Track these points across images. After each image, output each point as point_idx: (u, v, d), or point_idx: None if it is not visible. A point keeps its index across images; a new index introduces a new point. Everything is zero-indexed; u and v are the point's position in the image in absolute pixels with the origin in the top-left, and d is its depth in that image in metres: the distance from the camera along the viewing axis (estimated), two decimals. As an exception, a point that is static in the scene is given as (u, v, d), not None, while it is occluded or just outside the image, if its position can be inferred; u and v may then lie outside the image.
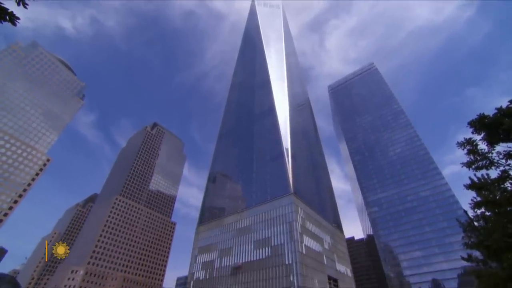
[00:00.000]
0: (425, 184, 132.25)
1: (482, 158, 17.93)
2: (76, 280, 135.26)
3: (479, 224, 22.10)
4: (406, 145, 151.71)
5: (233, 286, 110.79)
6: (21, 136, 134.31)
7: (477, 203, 19.67)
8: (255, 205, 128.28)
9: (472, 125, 18.33)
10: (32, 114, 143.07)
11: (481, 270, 24.48)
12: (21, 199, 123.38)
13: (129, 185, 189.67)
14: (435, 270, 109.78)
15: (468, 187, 20.11)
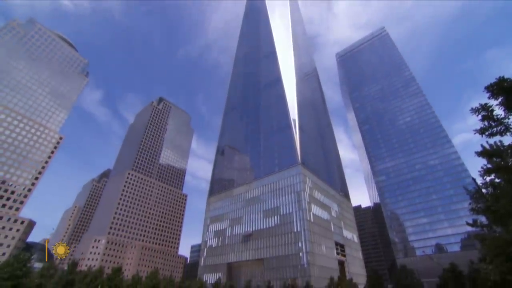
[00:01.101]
0: (434, 152, 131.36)
1: (497, 124, 17.46)
2: (99, 248, 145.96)
3: (487, 191, 22.22)
4: (415, 114, 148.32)
5: (244, 252, 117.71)
6: (33, 116, 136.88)
7: (487, 170, 19.62)
8: (264, 175, 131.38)
9: (489, 89, 17.59)
10: (40, 94, 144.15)
11: (485, 234, 25.13)
12: (41, 176, 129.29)
13: (140, 160, 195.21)
14: (439, 235, 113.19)
15: (479, 154, 19.92)
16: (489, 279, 35.45)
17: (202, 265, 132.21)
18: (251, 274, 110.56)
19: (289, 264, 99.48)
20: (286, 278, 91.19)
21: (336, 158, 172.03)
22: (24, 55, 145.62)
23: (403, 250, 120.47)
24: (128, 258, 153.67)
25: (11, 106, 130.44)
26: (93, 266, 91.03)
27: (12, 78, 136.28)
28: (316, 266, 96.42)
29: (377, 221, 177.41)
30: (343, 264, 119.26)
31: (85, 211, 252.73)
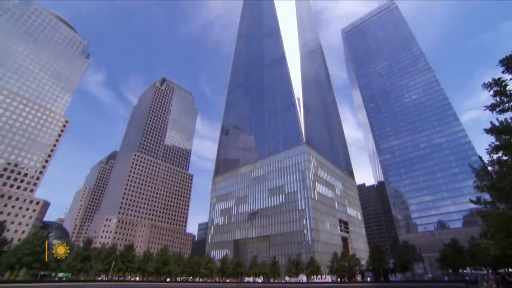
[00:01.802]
0: (441, 131, 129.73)
1: (509, 100, 16.99)
2: (111, 227, 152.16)
3: (493, 169, 22.14)
4: (423, 91, 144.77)
5: (250, 230, 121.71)
6: (37, 100, 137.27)
7: (495, 148, 19.42)
8: (268, 155, 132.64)
9: (504, 63, 16.94)
10: (42, 77, 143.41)
11: (488, 211, 25.41)
12: (50, 158, 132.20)
13: (145, 141, 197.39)
14: (442, 212, 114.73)
15: (488, 131, 19.62)
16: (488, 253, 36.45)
17: (209, 242, 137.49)
18: (257, 250, 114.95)
19: (293, 240, 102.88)
20: (291, 254, 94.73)
21: (340, 136, 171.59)
22: (23, 37, 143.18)
23: (406, 227, 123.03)
24: (138, 236, 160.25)
25: (15, 90, 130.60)
26: (106, 244, 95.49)
27: (14, 62, 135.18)
28: (320, 242, 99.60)
29: (380, 199, 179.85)
30: (346, 240, 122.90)
31: (95, 192, 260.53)
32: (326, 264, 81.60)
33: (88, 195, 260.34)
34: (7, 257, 46.30)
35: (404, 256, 68.36)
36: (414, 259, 68.72)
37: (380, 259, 68.88)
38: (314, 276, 75.10)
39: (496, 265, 47.12)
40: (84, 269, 61.66)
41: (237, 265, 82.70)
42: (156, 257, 76.14)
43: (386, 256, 74.42)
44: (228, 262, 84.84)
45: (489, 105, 17.75)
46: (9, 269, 49.09)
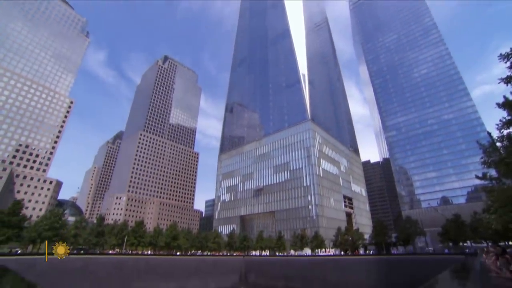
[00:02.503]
0: (449, 106, 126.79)
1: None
2: (121, 204, 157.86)
3: (502, 145, 21.94)
4: (433, 65, 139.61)
5: (256, 206, 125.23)
6: (41, 81, 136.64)
7: (507, 122, 19.08)
8: (273, 132, 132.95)
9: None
10: (43, 57, 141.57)
11: (493, 186, 25.56)
12: (59, 139, 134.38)
13: (150, 120, 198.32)
14: (446, 188, 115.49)
15: (501, 105, 19.16)
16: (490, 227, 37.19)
17: (216, 218, 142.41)
18: (263, 225, 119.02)
19: (298, 216, 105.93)
20: (296, 229, 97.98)
21: (346, 113, 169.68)
22: (19, 15, 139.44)
23: (409, 203, 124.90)
24: (148, 213, 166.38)
25: (18, 71, 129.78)
26: (118, 220, 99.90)
27: (13, 42, 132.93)
28: (324, 217, 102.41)
29: (385, 176, 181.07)
30: (350, 215, 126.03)
31: (104, 171, 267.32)
32: (330, 238, 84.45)
33: (98, 174, 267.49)
34: (28, 232, 49.56)
35: (406, 231, 70.22)
36: (416, 233, 70.54)
37: (383, 234, 70.96)
38: (318, 250, 78.16)
39: (496, 238, 48.30)
40: (99, 244, 65.12)
41: (243, 239, 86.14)
42: (166, 233, 79.53)
43: (389, 230, 76.50)
44: (235, 237, 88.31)
45: (504, 78, 17.20)
46: (31, 243, 52.71)
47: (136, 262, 44.33)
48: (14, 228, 46.11)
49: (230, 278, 50.67)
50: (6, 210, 46.74)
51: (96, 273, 36.31)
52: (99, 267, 38.20)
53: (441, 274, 11.45)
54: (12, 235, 45.97)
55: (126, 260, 45.14)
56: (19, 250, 52.49)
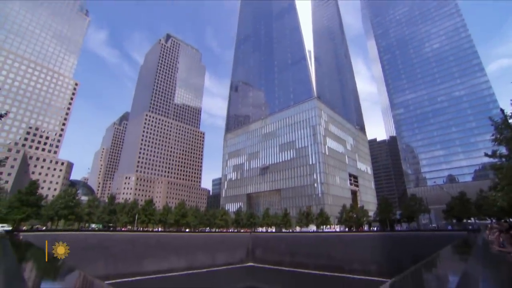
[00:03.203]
0: (461, 83, 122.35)
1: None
2: (130, 184, 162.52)
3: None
4: (447, 39, 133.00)
5: (262, 184, 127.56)
6: (44, 63, 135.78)
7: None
8: (279, 110, 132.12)
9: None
10: (44, 38, 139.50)
11: (502, 164, 25.41)
12: (67, 122, 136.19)
13: (155, 101, 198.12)
14: (453, 167, 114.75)
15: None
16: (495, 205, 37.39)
17: (223, 196, 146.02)
18: (269, 203, 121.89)
19: (304, 194, 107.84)
20: (301, 206, 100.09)
21: (353, 91, 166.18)
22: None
23: (415, 181, 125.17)
24: (157, 192, 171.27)
25: (21, 53, 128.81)
26: (128, 199, 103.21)
27: (13, 22, 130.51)
28: (330, 195, 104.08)
29: (391, 154, 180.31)
30: (355, 193, 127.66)
31: (112, 151, 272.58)
32: (335, 215, 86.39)
33: (107, 155, 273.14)
34: (46, 210, 52.48)
35: (410, 208, 71.10)
36: (421, 210, 71.42)
37: (388, 211, 72.05)
38: (323, 226, 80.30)
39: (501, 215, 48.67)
40: (112, 221, 68.11)
41: (250, 216, 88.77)
42: (175, 210, 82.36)
43: (393, 208, 77.51)
44: (242, 214, 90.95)
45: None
46: (49, 220, 55.98)
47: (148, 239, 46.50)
48: (32, 206, 48.69)
49: (237, 254, 52.93)
50: (24, 190, 49.05)
51: (111, 249, 38.38)
52: (113, 243, 40.27)
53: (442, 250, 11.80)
54: (31, 213, 48.66)
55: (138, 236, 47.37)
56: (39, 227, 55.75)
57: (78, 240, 37.86)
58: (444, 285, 5.09)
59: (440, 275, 6.43)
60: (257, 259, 53.07)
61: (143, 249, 41.92)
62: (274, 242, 54.82)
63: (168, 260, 42.73)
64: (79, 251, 34.25)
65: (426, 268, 6.75)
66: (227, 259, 49.90)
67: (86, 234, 43.96)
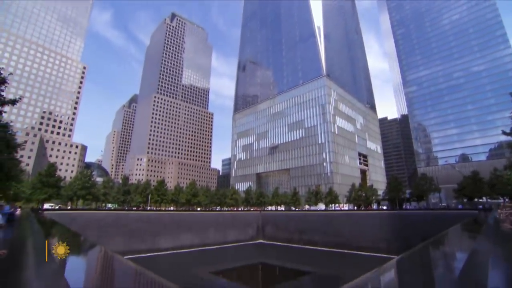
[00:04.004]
0: (481, 57, 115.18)
1: None
2: (142, 165, 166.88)
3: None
4: (467, 9, 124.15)
5: (271, 163, 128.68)
6: (52, 46, 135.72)
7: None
8: (287, 89, 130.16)
9: None
10: (49, 21, 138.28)
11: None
12: (78, 105, 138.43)
13: (162, 83, 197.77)
14: (467, 146, 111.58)
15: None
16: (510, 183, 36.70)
17: (233, 176, 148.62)
18: (278, 182, 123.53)
19: (313, 173, 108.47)
20: (310, 185, 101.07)
21: (364, 68, 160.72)
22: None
23: (426, 160, 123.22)
24: (168, 173, 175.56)
25: (28, 37, 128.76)
26: (140, 180, 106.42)
27: (18, 6, 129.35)
28: (339, 174, 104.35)
29: (402, 133, 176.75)
30: (365, 172, 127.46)
31: (123, 134, 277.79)
32: (344, 194, 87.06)
33: (118, 137, 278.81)
34: (65, 191, 55.39)
35: (421, 187, 70.64)
36: (431, 189, 70.87)
37: (397, 190, 71.85)
38: (332, 205, 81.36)
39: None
40: (126, 201, 70.94)
41: (260, 195, 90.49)
42: (186, 190, 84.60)
43: (403, 187, 77.21)
44: (252, 193, 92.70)
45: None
46: (69, 200, 59.20)
47: (161, 217, 48.36)
48: (53, 187, 51.34)
49: (248, 231, 54.66)
50: (44, 172, 51.48)
51: (127, 227, 40.18)
52: (129, 221, 42.09)
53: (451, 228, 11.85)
54: (52, 193, 51.43)
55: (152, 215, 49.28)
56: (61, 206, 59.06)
57: (97, 219, 39.83)
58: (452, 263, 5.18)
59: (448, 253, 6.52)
60: (266, 237, 54.81)
61: (158, 227, 43.77)
62: (283, 220, 56.18)
63: (182, 237, 44.63)
64: (98, 229, 36.19)
65: (434, 245, 6.84)
66: (238, 237, 51.72)
67: (104, 213, 46.13)
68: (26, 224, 11.97)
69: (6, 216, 12.79)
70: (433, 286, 3.32)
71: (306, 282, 26.50)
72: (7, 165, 20.00)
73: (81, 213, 42.96)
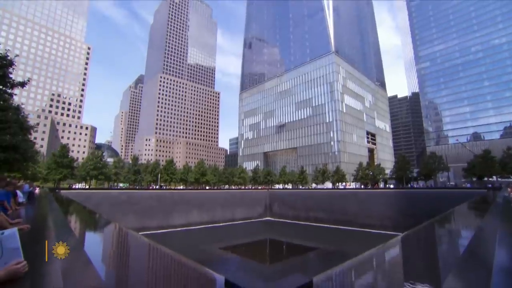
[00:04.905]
0: (504, 28, 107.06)
1: None
2: (151, 146, 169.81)
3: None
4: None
5: (278, 142, 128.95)
6: (55, 27, 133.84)
7: None
8: (294, 67, 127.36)
9: None
10: (50, 0, 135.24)
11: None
12: (85, 87, 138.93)
13: (168, 62, 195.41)
14: (480, 124, 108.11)
15: None
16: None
17: (240, 155, 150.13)
18: (285, 161, 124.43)
19: (320, 152, 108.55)
20: (317, 164, 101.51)
21: (374, 43, 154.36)
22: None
23: (436, 139, 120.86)
24: (176, 153, 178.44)
25: (31, 17, 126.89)
26: (150, 160, 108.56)
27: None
28: (346, 153, 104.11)
29: (412, 111, 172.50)
30: (373, 151, 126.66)
31: (131, 115, 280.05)
32: (351, 172, 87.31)
33: (126, 118, 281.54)
34: (79, 171, 57.67)
35: (429, 166, 69.98)
36: (440, 168, 70.22)
37: (405, 168, 71.44)
38: (339, 183, 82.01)
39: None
40: (137, 180, 73.12)
41: (267, 174, 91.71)
42: (195, 169, 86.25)
43: (411, 166, 76.65)
44: (259, 172, 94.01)
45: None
46: (83, 180, 62.02)
47: (172, 196, 49.72)
48: (67, 168, 53.12)
49: (255, 209, 56.01)
50: (57, 153, 53.08)
51: (139, 205, 41.60)
52: (141, 200, 43.49)
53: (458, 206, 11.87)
54: (67, 173, 53.31)
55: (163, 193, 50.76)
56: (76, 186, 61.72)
57: (110, 197, 41.34)
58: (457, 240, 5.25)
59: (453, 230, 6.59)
60: (274, 214, 56.17)
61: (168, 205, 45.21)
62: (291, 198, 57.15)
63: (191, 215, 46.16)
64: (111, 207, 37.71)
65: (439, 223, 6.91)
66: (246, 214, 53.17)
67: (116, 191, 47.77)
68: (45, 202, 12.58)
69: (27, 195, 13.45)
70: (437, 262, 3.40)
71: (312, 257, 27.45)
72: (23, 146, 20.65)
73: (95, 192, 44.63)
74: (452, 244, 4.62)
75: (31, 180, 33.38)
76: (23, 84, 20.15)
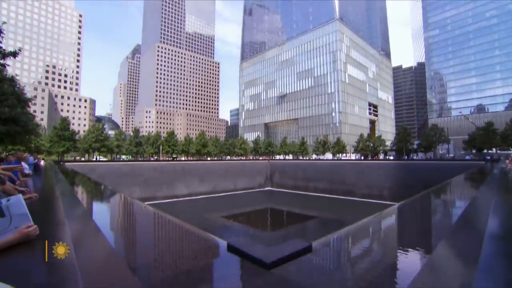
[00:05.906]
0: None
1: None
2: (151, 117, 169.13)
3: None
4: None
5: (279, 113, 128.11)
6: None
7: None
8: (296, 35, 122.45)
9: None
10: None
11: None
12: (81, 58, 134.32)
13: (165, 31, 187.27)
14: (485, 96, 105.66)
15: None
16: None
17: (241, 126, 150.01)
18: (286, 132, 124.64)
19: (321, 123, 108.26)
20: (318, 135, 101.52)
21: (380, 9, 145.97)
22: None
23: (438, 111, 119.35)
24: (177, 124, 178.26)
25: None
26: (151, 132, 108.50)
27: None
28: (347, 124, 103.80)
29: (416, 82, 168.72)
30: (374, 123, 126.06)
31: (130, 86, 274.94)
32: (352, 144, 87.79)
33: (125, 90, 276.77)
34: (81, 144, 58.08)
35: (430, 138, 69.92)
36: (440, 140, 70.19)
37: (405, 140, 71.51)
38: (339, 154, 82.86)
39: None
40: (139, 152, 74.00)
41: (268, 145, 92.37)
42: (196, 141, 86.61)
43: (412, 137, 76.64)
44: (260, 143, 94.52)
45: None
46: (86, 152, 62.49)
47: (174, 167, 50.62)
48: (69, 140, 53.37)
49: (256, 179, 57.32)
50: (58, 126, 52.99)
51: (142, 176, 42.54)
52: (144, 171, 44.40)
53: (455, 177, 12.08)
54: (70, 146, 53.62)
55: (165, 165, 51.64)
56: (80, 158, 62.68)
57: (114, 169, 42.18)
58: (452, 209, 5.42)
59: (448, 200, 6.77)
60: (275, 184, 57.62)
61: (171, 176, 46.25)
62: (291, 168, 58.22)
63: (194, 185, 47.39)
64: (115, 178, 38.62)
65: (435, 193, 7.10)
66: (247, 184, 54.55)
67: (119, 163, 48.59)
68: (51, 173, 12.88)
69: (32, 166, 13.73)
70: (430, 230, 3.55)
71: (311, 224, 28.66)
72: (22, 119, 20.56)
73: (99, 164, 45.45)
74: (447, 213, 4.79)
75: (35, 153, 33.82)
76: (15, 54, 19.46)
